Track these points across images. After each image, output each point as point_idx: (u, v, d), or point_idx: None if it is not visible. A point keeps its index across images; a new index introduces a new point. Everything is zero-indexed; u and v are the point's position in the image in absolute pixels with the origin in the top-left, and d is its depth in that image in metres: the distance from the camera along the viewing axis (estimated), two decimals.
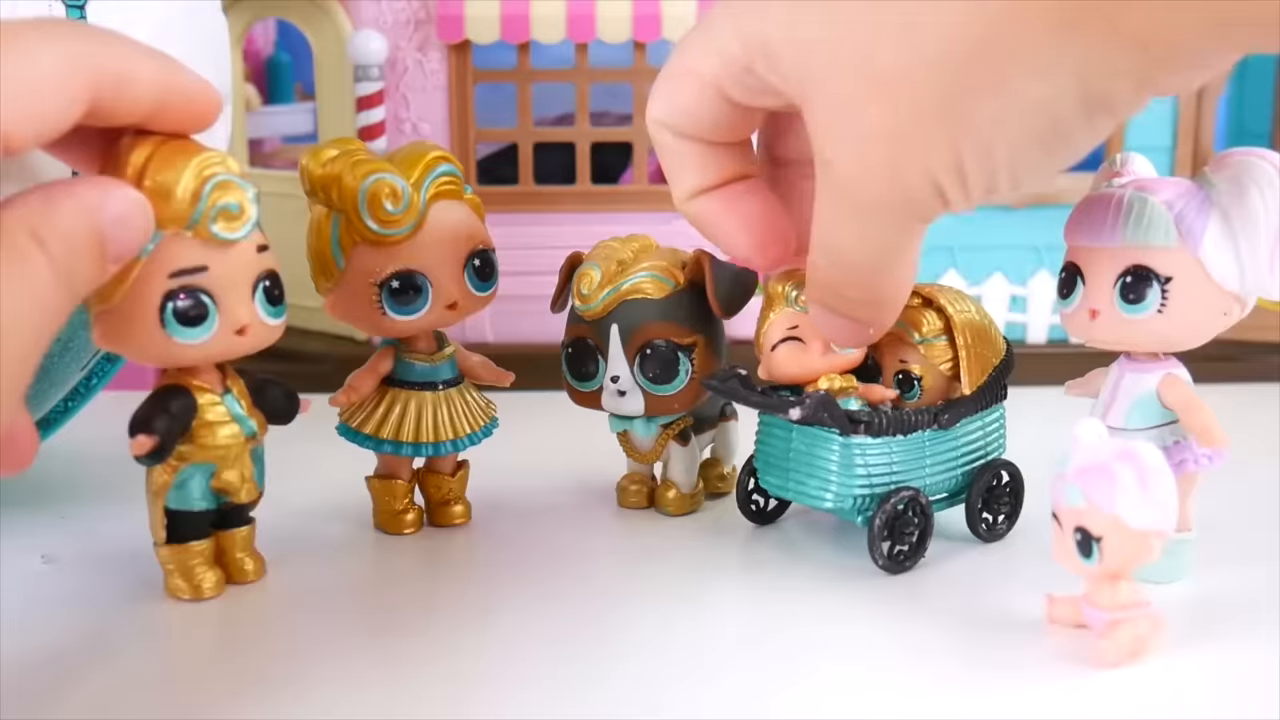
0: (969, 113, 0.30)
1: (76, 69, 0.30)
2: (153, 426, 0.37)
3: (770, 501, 0.47)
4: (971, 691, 0.34)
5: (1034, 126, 0.30)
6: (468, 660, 0.36)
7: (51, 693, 0.34)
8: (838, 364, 0.42)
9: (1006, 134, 0.30)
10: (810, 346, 0.42)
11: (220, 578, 0.40)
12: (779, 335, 0.42)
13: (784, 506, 0.47)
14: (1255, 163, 0.37)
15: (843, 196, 0.33)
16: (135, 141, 0.34)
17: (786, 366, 0.42)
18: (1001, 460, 0.44)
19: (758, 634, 0.38)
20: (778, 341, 0.42)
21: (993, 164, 0.31)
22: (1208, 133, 0.65)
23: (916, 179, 0.31)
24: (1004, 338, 0.45)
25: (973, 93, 0.30)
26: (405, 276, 0.42)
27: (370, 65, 0.63)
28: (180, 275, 0.35)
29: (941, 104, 0.30)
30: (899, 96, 0.30)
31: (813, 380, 0.42)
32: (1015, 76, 0.29)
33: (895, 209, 0.32)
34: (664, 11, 0.63)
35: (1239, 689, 0.34)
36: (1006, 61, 0.29)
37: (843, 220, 0.34)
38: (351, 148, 0.42)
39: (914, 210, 0.32)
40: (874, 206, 0.33)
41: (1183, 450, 0.39)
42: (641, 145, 0.65)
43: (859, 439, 0.41)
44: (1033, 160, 0.31)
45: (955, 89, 0.30)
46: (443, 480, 0.46)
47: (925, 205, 0.32)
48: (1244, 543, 0.43)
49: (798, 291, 0.41)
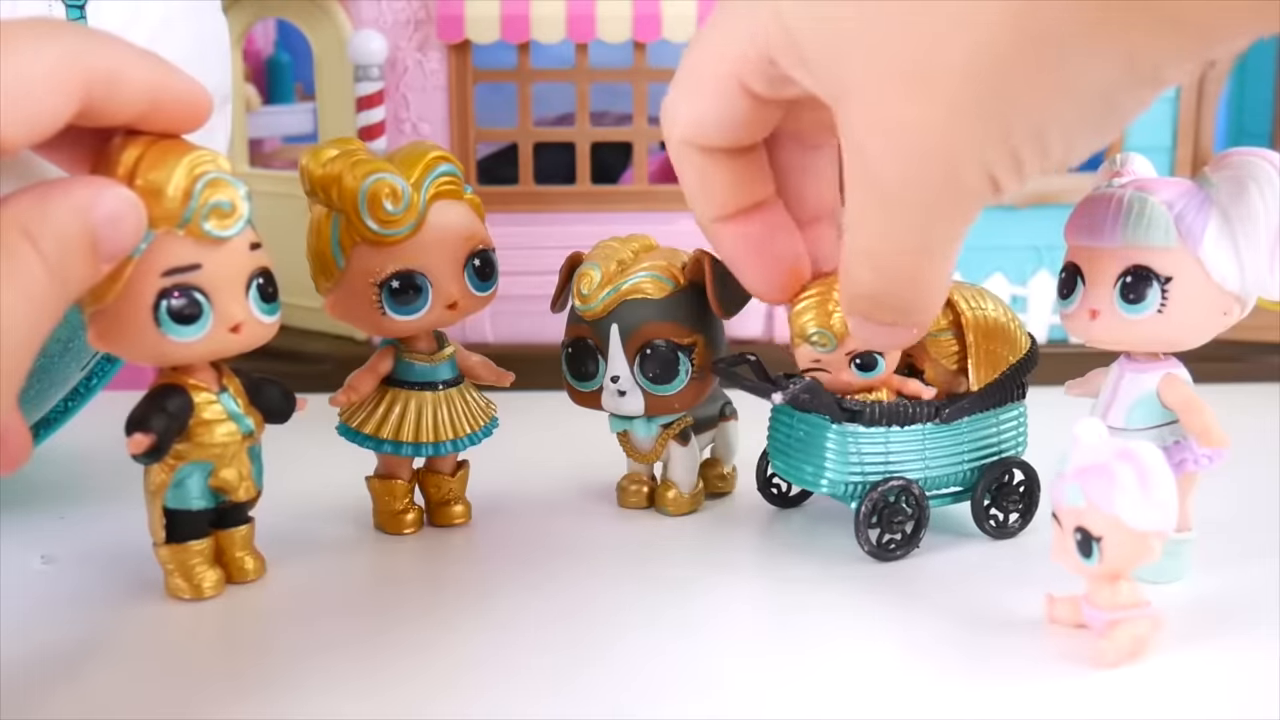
0: (1020, 100, 0.30)
1: (68, 69, 0.30)
2: (149, 425, 0.37)
3: (792, 487, 0.47)
4: (971, 691, 0.34)
5: (1085, 106, 0.30)
6: (467, 660, 0.36)
7: (51, 693, 0.34)
8: (863, 386, 0.42)
9: (1059, 116, 0.30)
10: (835, 376, 0.42)
11: (220, 577, 0.40)
12: (805, 365, 0.43)
13: (806, 493, 0.47)
14: (1255, 163, 0.37)
15: (887, 196, 0.32)
16: (126, 141, 0.34)
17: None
18: (1014, 459, 0.45)
19: (759, 633, 0.38)
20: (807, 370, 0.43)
21: (1046, 145, 0.31)
22: (1208, 133, 0.65)
23: (970, 169, 0.31)
24: (1029, 336, 0.45)
25: (1022, 80, 0.29)
26: (405, 276, 0.42)
27: (370, 65, 0.63)
28: (173, 274, 0.35)
29: (993, 93, 0.30)
30: (949, 90, 0.30)
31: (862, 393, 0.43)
32: (1065, 61, 0.29)
33: (945, 202, 0.32)
34: (664, 11, 0.63)
35: (1239, 689, 0.34)
36: (1056, 46, 0.29)
37: (885, 223, 0.33)
38: (351, 148, 0.42)
39: (966, 200, 0.32)
40: (926, 210, 0.32)
41: (1183, 450, 0.39)
42: (641, 145, 0.65)
43: (853, 427, 0.42)
44: (1085, 136, 0.31)
45: (1005, 78, 0.29)
46: (443, 480, 0.46)
47: (978, 194, 0.32)
48: (1244, 543, 0.43)
49: (816, 333, 0.41)
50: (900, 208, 0.33)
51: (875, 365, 0.42)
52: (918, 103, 0.30)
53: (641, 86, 0.65)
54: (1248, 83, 0.76)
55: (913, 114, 0.31)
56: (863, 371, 0.42)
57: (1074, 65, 0.29)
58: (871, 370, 0.42)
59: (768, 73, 0.34)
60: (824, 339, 0.41)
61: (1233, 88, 0.75)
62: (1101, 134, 0.31)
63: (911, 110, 0.31)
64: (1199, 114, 0.64)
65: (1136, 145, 0.63)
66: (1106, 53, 0.29)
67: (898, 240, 0.34)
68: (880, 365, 0.42)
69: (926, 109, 0.30)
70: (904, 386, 0.43)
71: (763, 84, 0.34)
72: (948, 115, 0.30)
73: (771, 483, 0.48)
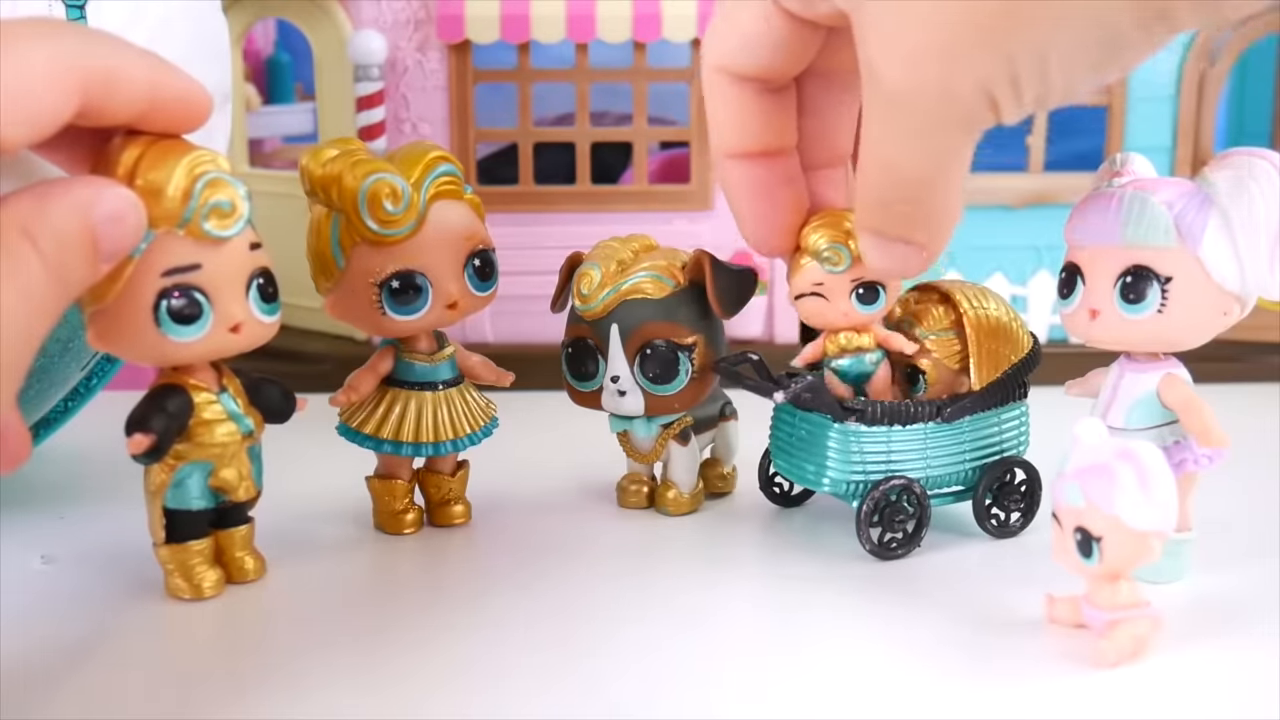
0: (1023, 24, 0.30)
1: (68, 68, 0.30)
2: (149, 425, 0.37)
3: (794, 486, 0.47)
4: (971, 691, 0.34)
5: (1089, 37, 0.30)
6: (467, 660, 0.36)
7: (51, 693, 0.34)
8: (857, 321, 0.42)
9: (1060, 45, 0.30)
10: (833, 304, 0.42)
11: (220, 577, 0.40)
12: (805, 288, 0.42)
13: (808, 492, 0.47)
14: (1255, 163, 0.37)
15: (893, 109, 0.33)
16: (126, 141, 0.34)
17: (808, 319, 0.43)
18: (1016, 458, 0.45)
19: (759, 633, 0.38)
20: (802, 294, 0.42)
21: (1046, 74, 0.31)
22: (1208, 133, 0.65)
23: (969, 91, 0.31)
24: (1032, 335, 0.45)
25: (1032, 5, 0.30)
26: (405, 276, 0.42)
27: (370, 65, 0.63)
28: (173, 273, 0.35)
29: (995, 16, 0.30)
30: (951, 10, 0.30)
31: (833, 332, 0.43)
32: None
33: (947, 120, 0.33)
34: (664, 11, 0.63)
35: (1239, 689, 0.34)
36: None
37: (893, 133, 0.34)
38: (351, 148, 0.42)
39: (966, 121, 0.33)
40: (925, 118, 0.33)
41: (1183, 450, 0.39)
42: (641, 145, 0.65)
43: (854, 426, 0.42)
44: (1087, 70, 0.31)
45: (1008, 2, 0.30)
46: (443, 480, 0.46)
47: (977, 116, 0.32)
48: (1244, 543, 0.43)
49: (829, 248, 0.41)
50: (903, 121, 0.33)
51: (877, 299, 0.42)
52: (917, 22, 0.31)
53: (641, 86, 0.65)
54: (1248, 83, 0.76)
55: (914, 33, 0.31)
56: (863, 304, 0.42)
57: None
58: (871, 304, 0.42)
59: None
60: (836, 254, 0.41)
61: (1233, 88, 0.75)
62: (1103, 70, 0.31)
63: (912, 29, 0.31)
64: (1199, 114, 0.64)
65: (1136, 145, 0.63)
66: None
67: (903, 150, 0.34)
68: (881, 300, 0.42)
69: (927, 29, 0.31)
70: (888, 341, 0.43)
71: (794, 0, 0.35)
72: (947, 36, 0.31)
73: (774, 482, 0.48)
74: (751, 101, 0.39)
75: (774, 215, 0.41)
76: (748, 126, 0.39)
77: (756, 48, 0.37)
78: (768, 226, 0.41)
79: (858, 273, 0.41)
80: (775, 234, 0.42)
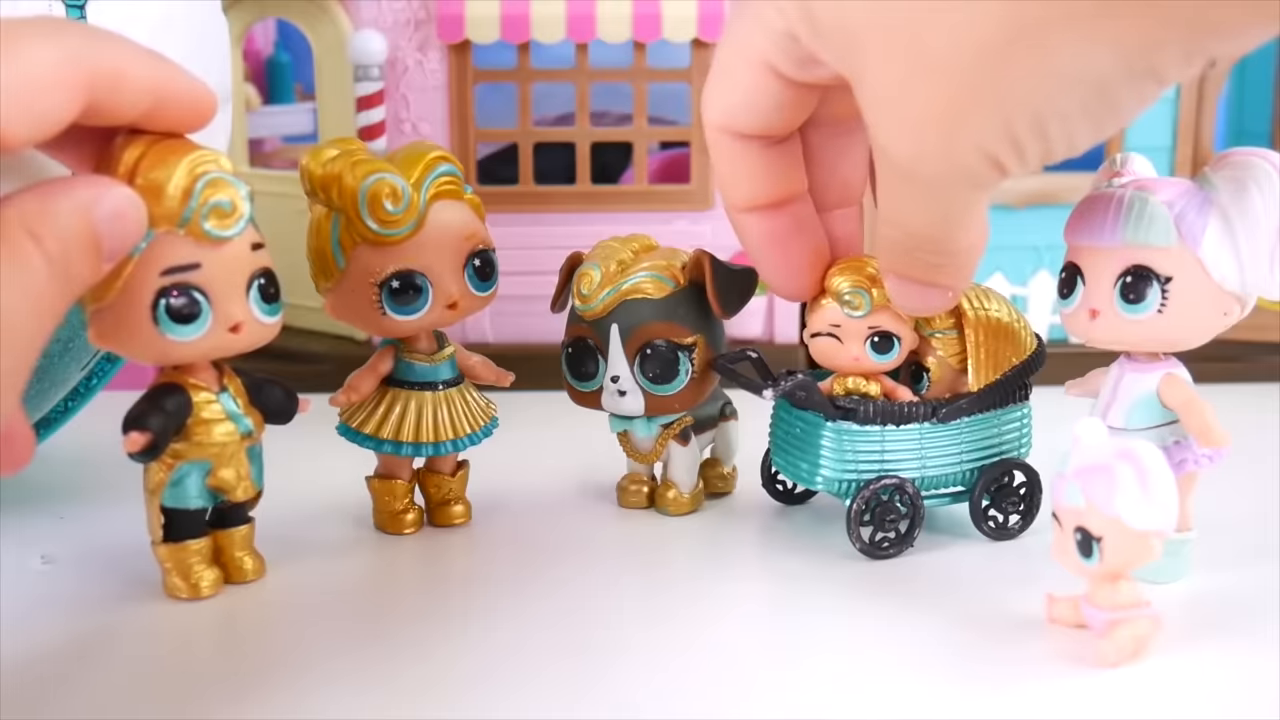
0: (1018, 89, 0.30)
1: (73, 67, 0.30)
2: (146, 423, 0.37)
3: (797, 485, 0.47)
4: (971, 691, 0.34)
5: (1083, 98, 0.30)
6: (467, 660, 0.36)
7: (51, 693, 0.34)
8: (867, 368, 0.43)
9: (1057, 108, 0.31)
10: (846, 348, 0.42)
11: (218, 576, 0.40)
12: (821, 328, 0.43)
13: (810, 491, 0.48)
14: (1255, 163, 0.37)
15: (901, 174, 0.34)
16: (129, 140, 0.34)
17: (818, 358, 0.43)
18: (1015, 460, 0.44)
19: (759, 633, 0.38)
20: (818, 334, 0.43)
21: (1045, 133, 0.31)
22: (1208, 133, 0.65)
23: (971, 155, 0.32)
24: (1036, 336, 0.45)
25: (1021, 70, 0.30)
26: (405, 276, 0.42)
27: (370, 65, 0.63)
28: (172, 273, 0.35)
29: (991, 82, 0.30)
30: (949, 78, 0.31)
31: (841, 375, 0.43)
32: (1062, 52, 0.30)
33: (954, 183, 0.33)
34: (664, 11, 0.63)
35: (1239, 689, 0.34)
36: (1052, 38, 0.29)
37: (905, 196, 0.35)
38: (351, 148, 0.42)
39: (972, 182, 0.33)
40: (933, 182, 0.33)
41: (1183, 450, 0.39)
42: (641, 145, 0.65)
43: (848, 425, 0.42)
44: (1085, 126, 0.31)
45: (1003, 67, 0.30)
46: (443, 480, 0.46)
47: (983, 177, 0.33)
48: (1244, 543, 0.43)
49: (850, 291, 0.41)
50: (912, 184, 0.34)
51: (891, 349, 0.42)
52: (916, 91, 0.31)
53: (641, 86, 0.65)
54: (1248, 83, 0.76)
55: (914, 102, 0.32)
56: (877, 353, 0.42)
57: (1067, 56, 0.30)
58: (885, 354, 0.42)
59: (793, 53, 0.34)
60: (857, 299, 0.41)
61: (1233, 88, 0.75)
62: (1102, 127, 0.32)
63: (912, 98, 0.32)
64: (1199, 114, 0.64)
65: (1136, 145, 0.63)
66: (1100, 45, 0.29)
67: (916, 210, 0.35)
68: (895, 351, 0.42)
69: (926, 98, 0.31)
70: (894, 392, 0.43)
71: (790, 65, 0.35)
72: (946, 104, 0.31)
73: (776, 479, 0.48)
74: (757, 156, 0.39)
75: (792, 262, 0.41)
76: (756, 181, 0.39)
77: (757, 107, 0.37)
78: (787, 272, 0.42)
79: (876, 321, 0.42)
80: (795, 279, 0.42)
